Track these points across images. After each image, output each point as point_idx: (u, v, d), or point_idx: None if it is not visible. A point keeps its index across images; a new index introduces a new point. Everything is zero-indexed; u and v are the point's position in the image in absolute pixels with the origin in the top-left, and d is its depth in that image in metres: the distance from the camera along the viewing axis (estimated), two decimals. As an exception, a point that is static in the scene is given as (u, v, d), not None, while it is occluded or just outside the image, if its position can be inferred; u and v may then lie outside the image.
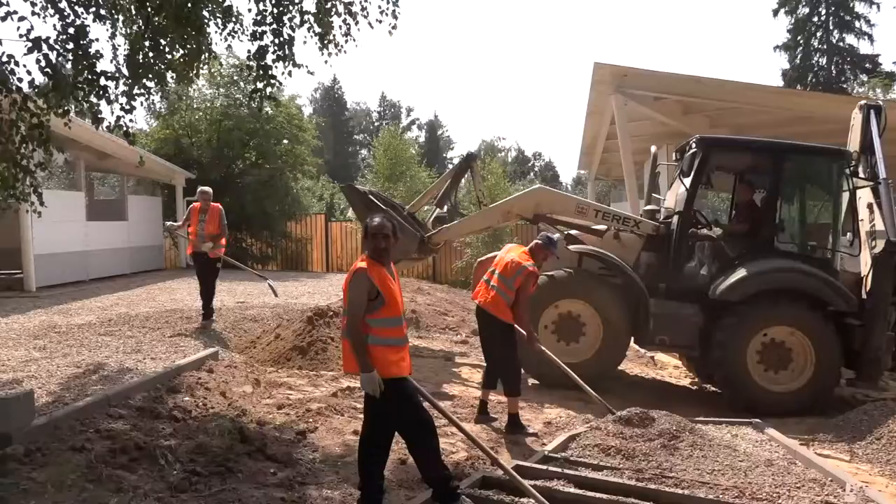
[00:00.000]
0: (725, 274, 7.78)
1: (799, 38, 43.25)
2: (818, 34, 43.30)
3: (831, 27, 43.05)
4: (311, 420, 6.02)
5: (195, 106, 22.00)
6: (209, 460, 4.76)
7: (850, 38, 43.21)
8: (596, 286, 8.10)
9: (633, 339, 8.30)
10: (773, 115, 13.28)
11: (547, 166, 63.63)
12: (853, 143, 8.27)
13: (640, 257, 8.39)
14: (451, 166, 12.85)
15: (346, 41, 7.45)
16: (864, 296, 7.64)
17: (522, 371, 7.00)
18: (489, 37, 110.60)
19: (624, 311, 7.95)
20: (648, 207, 8.99)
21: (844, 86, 40.80)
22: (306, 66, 7.37)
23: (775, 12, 43.52)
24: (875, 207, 7.69)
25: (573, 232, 8.57)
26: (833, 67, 43.11)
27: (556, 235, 8.72)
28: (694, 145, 7.99)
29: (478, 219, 9.15)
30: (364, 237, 4.31)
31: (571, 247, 8.33)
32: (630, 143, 13.92)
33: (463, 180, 10.99)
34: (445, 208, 10.07)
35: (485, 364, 6.78)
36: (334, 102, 66.40)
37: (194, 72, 7.33)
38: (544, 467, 5.07)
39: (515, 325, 6.37)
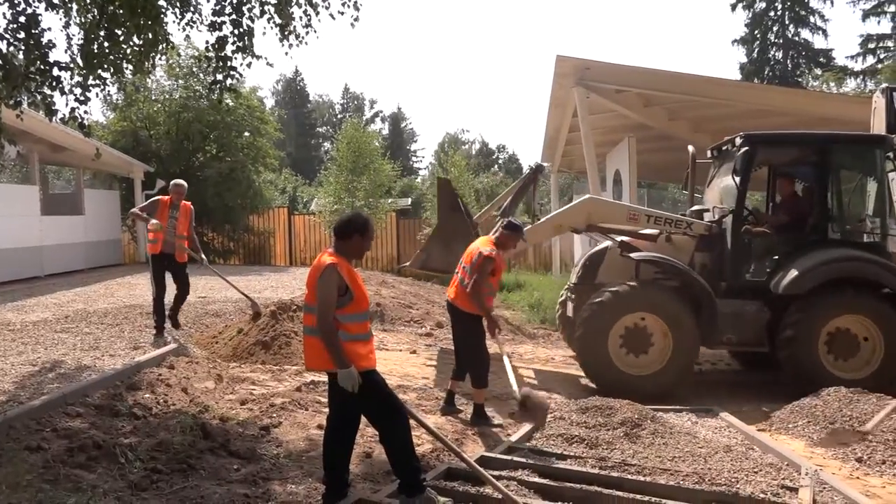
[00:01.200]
0: (785, 268, 7.80)
1: (756, 32, 44.11)
2: (774, 29, 44.21)
3: (787, 22, 44.00)
4: (274, 415, 5.97)
5: (153, 98, 21.59)
6: (170, 457, 4.69)
7: (805, 33, 44.27)
8: (659, 295, 7.97)
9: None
10: (731, 108, 13.49)
11: (511, 159, 63.73)
12: (877, 128, 8.43)
13: (694, 258, 8.38)
14: (414, 159, 12.72)
15: (307, 32, 7.36)
16: None
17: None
18: (453, 29, 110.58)
19: (690, 315, 7.81)
20: (696, 208, 8.97)
21: (799, 79, 41.72)
22: (266, 58, 7.28)
23: (733, 7, 44.29)
24: None
25: (626, 239, 8.49)
26: (789, 61, 44.07)
27: (609, 243, 8.78)
28: (743, 142, 7.95)
29: (530, 234, 9.13)
30: (349, 233, 4.17)
31: (634, 255, 8.16)
32: (592, 135, 14.04)
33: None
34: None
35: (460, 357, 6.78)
36: (296, 94, 65.68)
37: (150, 62, 7.18)
38: (509, 458, 5.10)
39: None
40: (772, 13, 44.06)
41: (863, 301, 7.65)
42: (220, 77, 6.98)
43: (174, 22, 7.23)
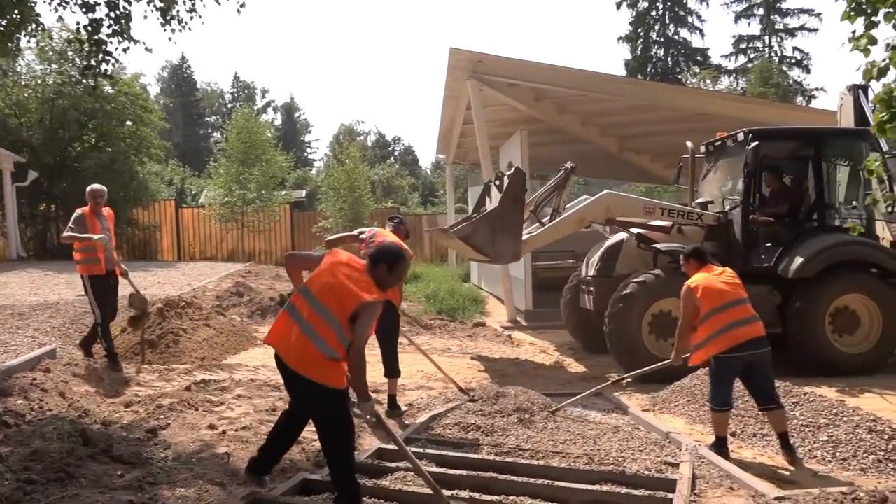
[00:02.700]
0: (792, 254, 8.27)
1: (639, 30, 46.08)
2: (656, 27, 46.34)
3: (668, 21, 46.23)
4: (162, 417, 5.72)
5: (24, 83, 20.14)
6: (46, 466, 4.39)
7: (684, 32, 46.70)
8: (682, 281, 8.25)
9: None
10: (618, 103, 14.02)
11: (407, 150, 63.84)
12: (843, 123, 9.09)
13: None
14: (309, 150, 12.35)
15: (192, 18, 7.07)
16: None
17: None
18: (347, 19, 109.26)
19: None
20: (701, 200, 9.30)
21: (679, 76, 43.94)
22: (144, 43, 6.93)
23: (618, 5, 46.05)
24: (885, 178, 8.43)
25: (642, 231, 8.77)
26: (669, 59, 46.31)
27: (625, 235, 9.06)
28: (751, 137, 8.34)
29: (553, 230, 9.10)
30: (377, 261, 4.10)
31: (658, 246, 8.45)
32: (486, 127, 14.22)
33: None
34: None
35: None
36: (183, 82, 63.01)
37: (16, 44, 6.68)
38: (407, 448, 5.11)
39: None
40: (654, 12, 46.15)
41: (861, 280, 8.28)
42: (94, 62, 6.59)
43: (44, 1, 6.77)
